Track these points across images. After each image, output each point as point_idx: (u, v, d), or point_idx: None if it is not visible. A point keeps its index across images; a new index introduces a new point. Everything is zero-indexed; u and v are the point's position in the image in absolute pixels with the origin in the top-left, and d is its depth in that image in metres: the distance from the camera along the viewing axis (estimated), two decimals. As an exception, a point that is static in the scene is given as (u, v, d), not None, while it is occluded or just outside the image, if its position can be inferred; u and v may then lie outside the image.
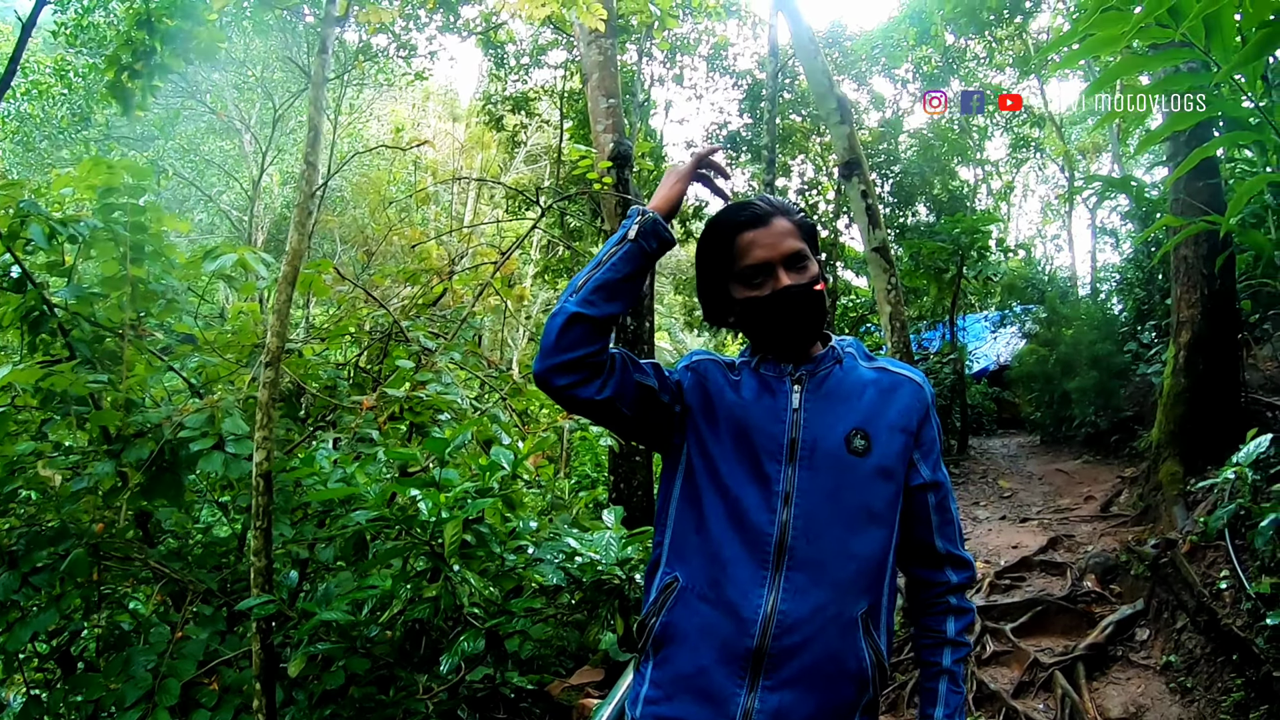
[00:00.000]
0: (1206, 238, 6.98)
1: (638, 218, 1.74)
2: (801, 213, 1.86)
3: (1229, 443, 6.52)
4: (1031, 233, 32.05)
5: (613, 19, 9.80)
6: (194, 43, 5.99)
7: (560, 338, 1.66)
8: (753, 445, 1.74)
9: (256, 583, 3.41)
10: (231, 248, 4.29)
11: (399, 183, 22.45)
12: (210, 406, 3.88)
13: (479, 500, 3.17)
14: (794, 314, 1.76)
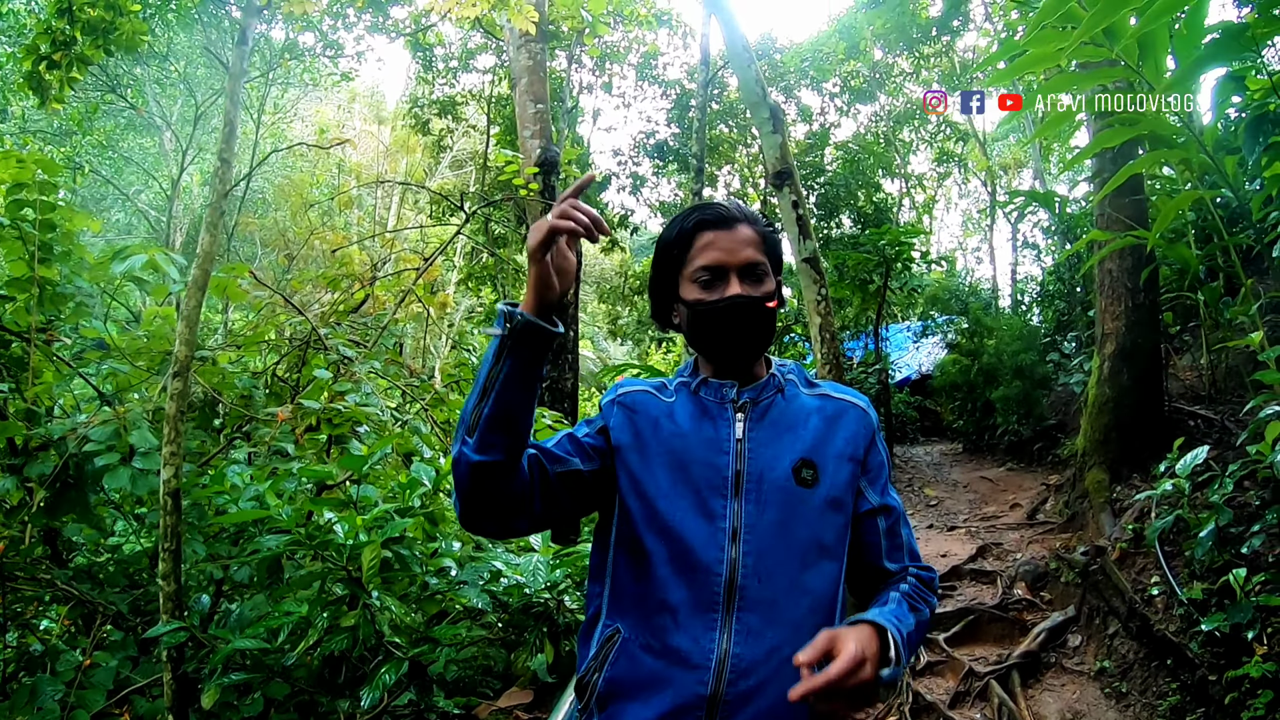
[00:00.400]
0: (1131, 252, 7.16)
1: (506, 324, 1.51)
2: (770, 228, 1.78)
3: (1153, 451, 6.70)
4: (953, 245, 32.76)
5: (543, 23, 9.75)
6: (115, 34, 5.79)
7: (471, 489, 1.54)
8: (694, 479, 1.65)
9: (166, 608, 3.21)
10: (142, 248, 4.09)
11: (322, 185, 22.03)
12: (117, 418, 3.70)
13: (399, 520, 3.03)
14: (740, 327, 1.68)
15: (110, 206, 22.41)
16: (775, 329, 1.76)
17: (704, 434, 1.69)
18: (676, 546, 1.61)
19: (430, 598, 3.30)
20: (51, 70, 5.69)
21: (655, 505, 1.64)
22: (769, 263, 1.73)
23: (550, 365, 7.93)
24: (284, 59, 16.37)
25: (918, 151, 23.26)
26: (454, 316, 21.22)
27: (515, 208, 13.06)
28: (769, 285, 1.71)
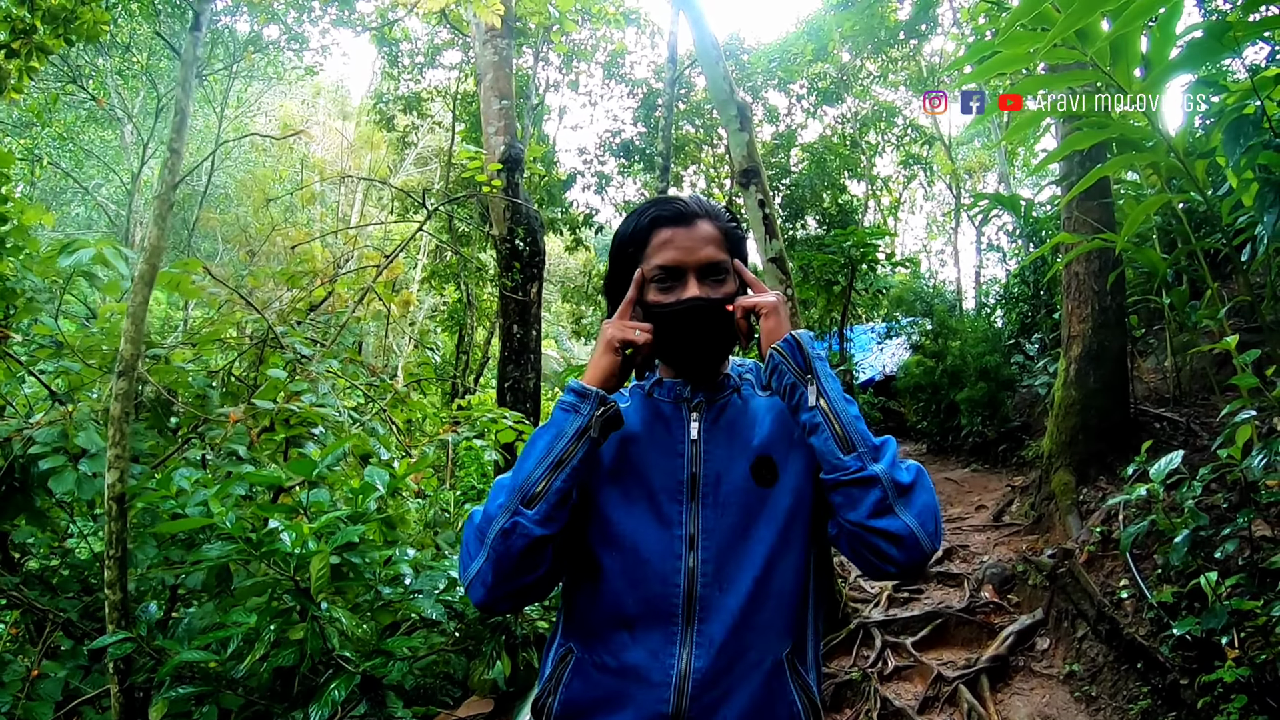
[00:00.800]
0: (1098, 255, 7.19)
1: (597, 409, 1.51)
2: (734, 222, 1.70)
3: (1120, 453, 6.73)
4: (918, 248, 33.02)
5: (510, 19, 9.63)
6: (76, 23, 5.65)
7: (518, 564, 1.46)
8: (648, 485, 1.57)
9: (112, 617, 3.08)
10: (89, 242, 3.94)
11: (285, 181, 21.76)
12: (63, 419, 3.56)
13: (350, 528, 2.91)
14: (698, 331, 1.60)
15: (70, 200, 22.05)
16: (735, 333, 1.66)
17: (657, 437, 1.61)
18: (630, 558, 1.53)
19: (385, 607, 3.18)
20: (10, 59, 5.53)
21: (607, 516, 1.56)
22: (730, 259, 1.66)
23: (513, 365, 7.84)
24: (248, 52, 16.15)
25: (884, 154, 23.36)
26: (417, 315, 21.04)
27: (479, 205, 12.94)
28: (731, 285, 1.64)
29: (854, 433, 1.46)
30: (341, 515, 3.07)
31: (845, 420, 1.47)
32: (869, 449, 1.45)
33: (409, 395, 5.86)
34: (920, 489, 1.45)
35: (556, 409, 1.53)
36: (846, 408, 1.49)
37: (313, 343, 5.29)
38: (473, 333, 18.27)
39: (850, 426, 1.46)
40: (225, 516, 2.84)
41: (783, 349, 1.54)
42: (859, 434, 1.46)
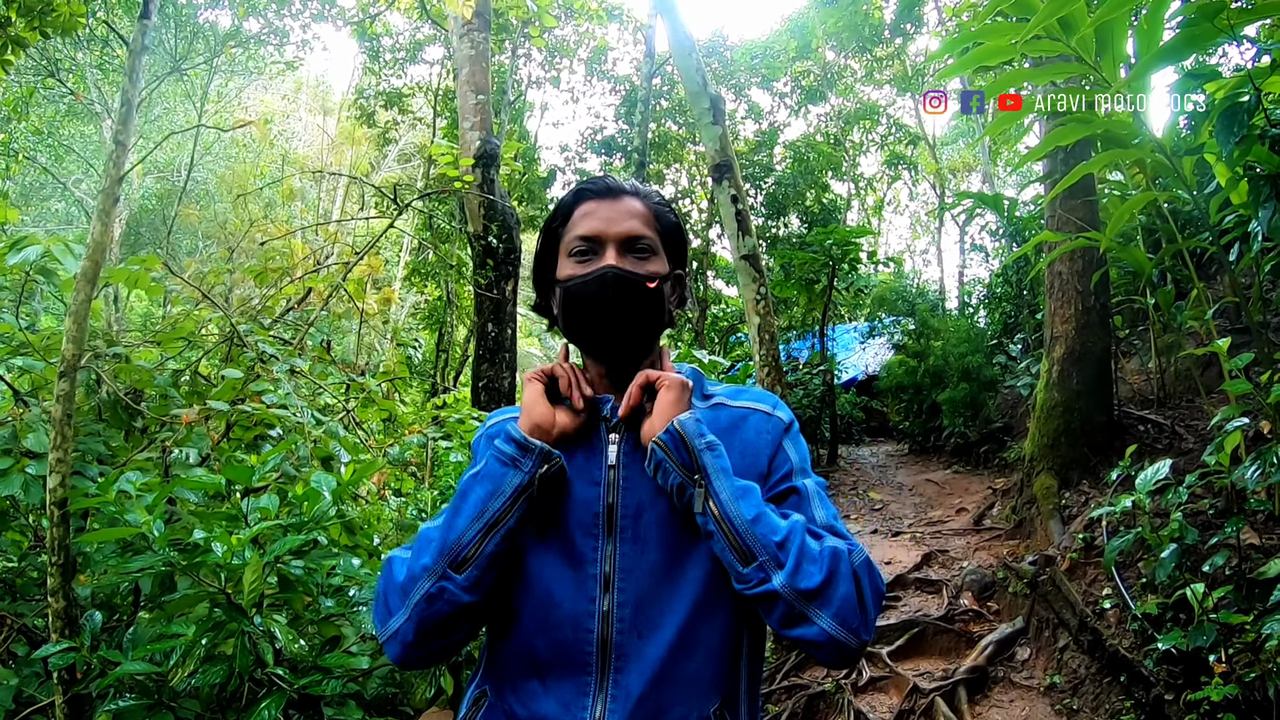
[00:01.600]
0: (1082, 254, 7.06)
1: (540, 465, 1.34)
2: (666, 205, 1.55)
3: (1103, 456, 6.60)
4: (902, 247, 32.99)
5: (487, 11, 9.49)
6: (53, 15, 5.53)
7: (444, 626, 1.31)
8: (563, 518, 1.39)
9: (55, 626, 2.94)
10: (38, 239, 3.77)
11: (265, 176, 21.54)
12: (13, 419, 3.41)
13: (288, 538, 2.73)
14: (612, 305, 1.41)
15: (50, 196, 21.81)
16: (663, 319, 1.48)
17: (575, 463, 1.42)
18: (542, 599, 1.36)
19: (327, 620, 3.00)
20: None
21: (523, 551, 1.39)
22: (662, 244, 1.50)
23: (487, 364, 7.65)
24: (228, 46, 15.95)
25: (868, 153, 23.31)
26: (399, 312, 20.86)
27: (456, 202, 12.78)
28: (655, 265, 1.46)
29: (751, 540, 1.25)
30: (283, 523, 2.89)
31: (740, 526, 1.26)
32: (770, 555, 1.24)
33: (382, 394, 5.69)
34: (838, 581, 1.25)
35: (492, 458, 1.37)
36: (742, 509, 1.27)
37: (281, 342, 5.12)
38: (453, 330, 18.10)
39: (747, 533, 1.26)
40: (152, 526, 2.66)
41: (664, 442, 1.32)
42: (757, 540, 1.25)
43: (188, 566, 2.60)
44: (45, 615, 3.51)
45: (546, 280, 1.53)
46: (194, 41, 16.31)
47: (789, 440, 1.48)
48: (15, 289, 4.39)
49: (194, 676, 2.68)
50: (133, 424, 4.46)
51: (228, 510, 2.94)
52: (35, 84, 15.76)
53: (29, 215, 20.92)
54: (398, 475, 5.63)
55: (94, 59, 17.15)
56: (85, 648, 2.86)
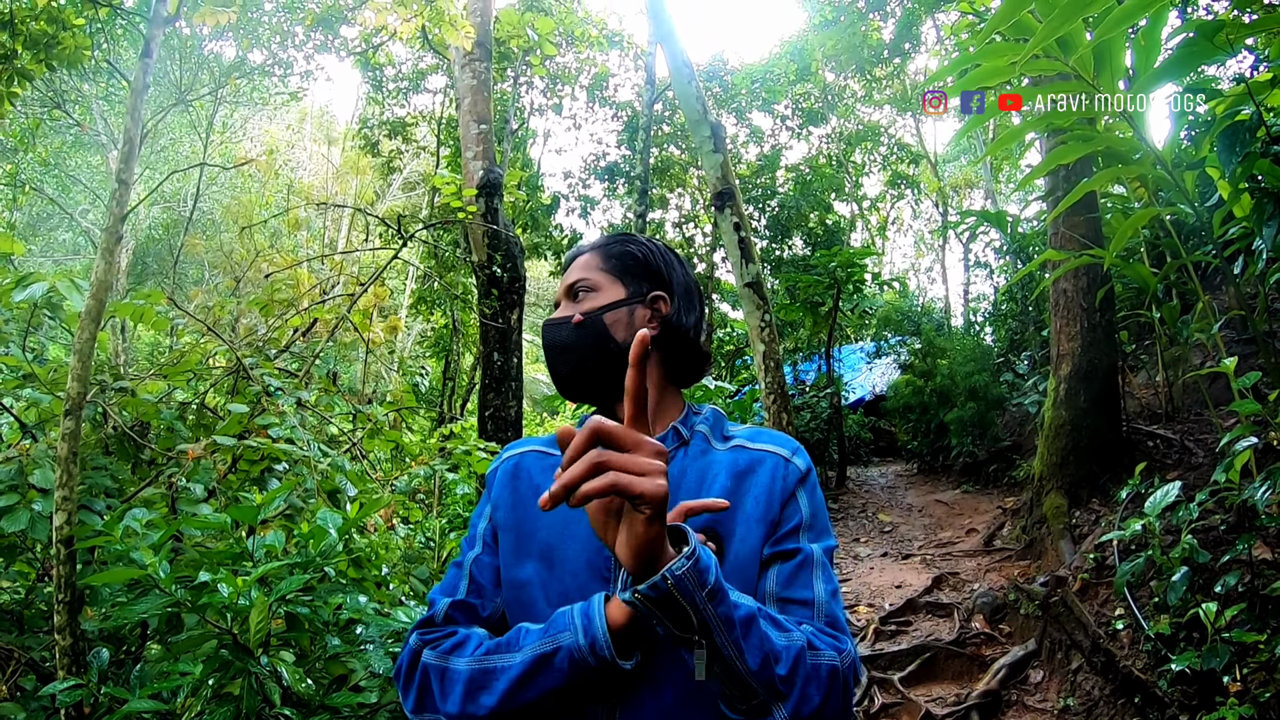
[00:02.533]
0: (1086, 271, 7.04)
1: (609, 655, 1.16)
2: (624, 242, 1.52)
3: (1113, 474, 6.55)
4: (905, 266, 32.99)
5: (488, 41, 9.53)
6: (58, 49, 5.59)
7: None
8: (570, 562, 1.33)
9: (62, 663, 2.93)
10: (43, 276, 3.78)
11: (270, 207, 21.66)
12: (20, 455, 3.41)
13: (293, 578, 2.70)
14: (552, 356, 1.44)
15: (56, 226, 21.90)
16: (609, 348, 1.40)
17: None
18: None
19: (335, 658, 2.97)
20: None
21: (525, 596, 1.35)
22: (615, 275, 1.47)
23: (493, 393, 7.62)
24: (232, 77, 16.07)
25: (870, 174, 23.34)
26: (405, 341, 20.89)
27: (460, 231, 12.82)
28: (592, 300, 1.44)
29: (758, 685, 1.13)
30: (288, 563, 2.86)
31: (748, 678, 1.12)
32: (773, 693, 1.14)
33: (389, 424, 5.68)
34: (832, 700, 1.17)
35: (566, 653, 1.18)
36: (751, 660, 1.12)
37: (287, 374, 5.12)
38: (459, 359, 18.11)
39: (752, 681, 1.12)
40: (158, 567, 2.64)
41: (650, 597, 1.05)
42: (761, 684, 1.12)
43: (197, 608, 2.58)
44: (52, 649, 3.50)
45: None
46: (199, 73, 16.43)
47: (804, 491, 1.39)
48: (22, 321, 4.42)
49: (201, 717, 2.66)
50: (139, 456, 4.46)
51: (232, 549, 2.92)
52: (41, 115, 15.88)
53: (36, 245, 21.04)
54: (405, 504, 5.61)
55: (100, 90, 17.29)
56: (92, 684, 2.84)
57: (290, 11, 12.94)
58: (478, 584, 1.42)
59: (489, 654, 1.24)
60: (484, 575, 1.42)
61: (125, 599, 3.36)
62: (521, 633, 1.24)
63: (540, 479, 1.45)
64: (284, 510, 3.68)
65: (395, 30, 8.23)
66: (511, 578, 1.38)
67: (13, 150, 16.97)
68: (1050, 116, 4.43)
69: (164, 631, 3.29)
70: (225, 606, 2.57)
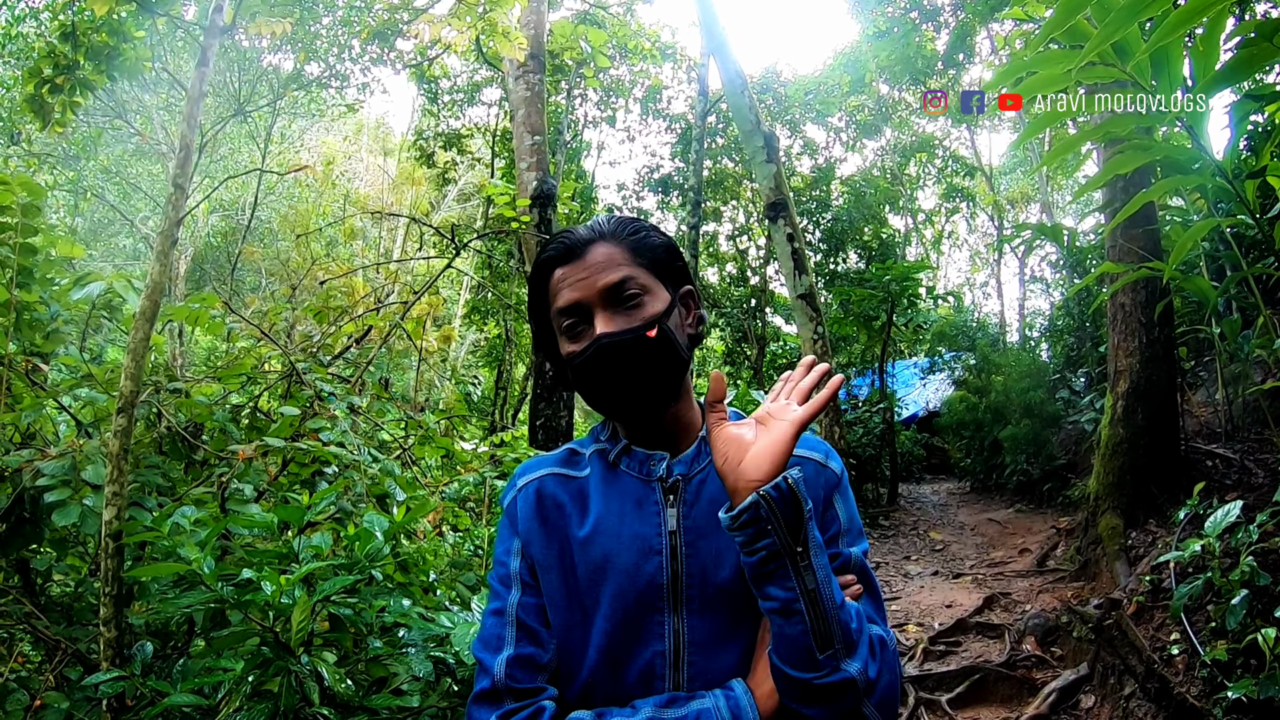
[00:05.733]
0: (1144, 285, 6.86)
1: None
2: (641, 230, 1.40)
3: (1170, 494, 6.36)
4: (960, 281, 32.57)
5: (541, 53, 9.57)
6: (119, 59, 5.74)
7: None
8: (621, 593, 1.28)
9: (105, 655, 2.98)
10: (100, 276, 3.87)
11: (327, 216, 22.02)
12: (73, 451, 3.48)
13: (337, 579, 2.70)
14: (615, 375, 1.29)
15: (117, 233, 22.45)
16: (678, 358, 1.33)
17: (626, 530, 1.31)
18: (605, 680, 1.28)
19: (375, 660, 2.97)
20: (54, 94, 5.65)
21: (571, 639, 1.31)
22: (652, 274, 1.35)
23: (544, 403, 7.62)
24: (289, 89, 16.40)
25: (925, 186, 23.10)
26: (459, 350, 21.06)
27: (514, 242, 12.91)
28: (650, 306, 1.32)
29: (837, 627, 1.13)
30: (333, 563, 2.87)
31: (831, 612, 1.13)
32: (845, 643, 1.14)
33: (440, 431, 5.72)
34: (885, 671, 1.17)
35: None
36: (834, 591, 1.15)
37: (340, 380, 5.17)
38: (511, 368, 18.23)
39: (834, 619, 1.13)
40: (203, 563, 2.67)
41: (773, 499, 1.13)
42: (841, 627, 1.14)
43: (240, 604, 2.60)
44: (98, 641, 3.57)
45: (553, 353, 1.43)
46: (257, 85, 16.77)
47: (839, 496, 1.38)
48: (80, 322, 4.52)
49: (239, 713, 2.67)
50: (192, 456, 4.54)
51: (278, 548, 2.94)
52: (103, 125, 16.32)
53: (96, 250, 21.58)
54: (455, 511, 5.62)
55: (160, 101, 17.73)
56: (136, 676, 2.88)
57: (347, 25, 13.16)
58: (529, 630, 1.33)
59: None
60: (533, 618, 1.34)
61: (172, 594, 3.43)
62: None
63: (571, 507, 1.38)
64: (334, 514, 3.70)
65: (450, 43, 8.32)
66: (560, 619, 1.33)
67: (75, 158, 17.45)
68: (1107, 125, 4.32)
69: (208, 628, 3.34)
70: (268, 604, 2.58)
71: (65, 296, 4.10)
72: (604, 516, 1.34)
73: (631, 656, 1.27)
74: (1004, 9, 14.18)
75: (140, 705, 2.91)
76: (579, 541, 1.33)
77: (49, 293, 4.03)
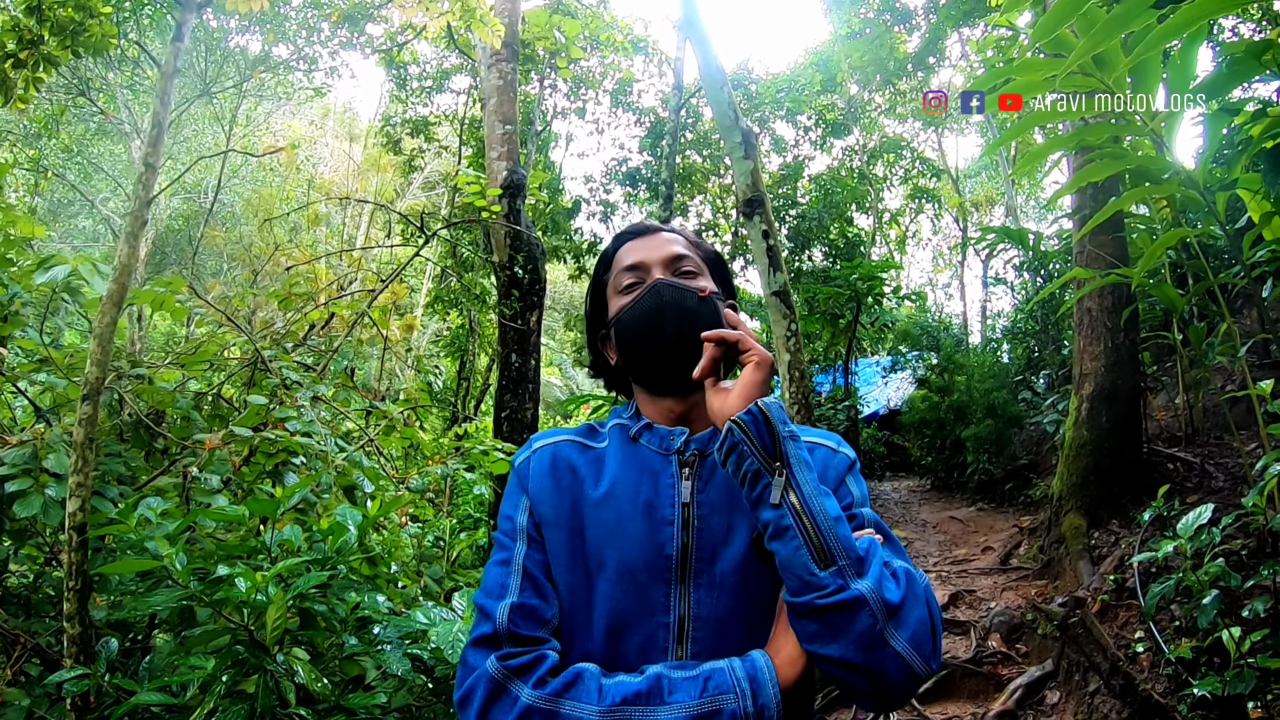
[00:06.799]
0: (1111, 290, 7.00)
1: None
2: (703, 241, 1.59)
3: (1133, 495, 6.50)
4: (924, 281, 32.92)
5: (515, 42, 9.53)
6: (85, 35, 5.60)
7: None
8: (628, 561, 1.31)
9: (70, 652, 2.90)
10: (65, 259, 3.79)
11: (291, 201, 21.73)
12: (35, 439, 3.41)
13: (310, 575, 2.67)
14: (668, 314, 1.37)
15: (77, 213, 22.01)
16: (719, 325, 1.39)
17: (641, 497, 1.35)
18: (610, 645, 1.29)
19: (349, 658, 2.95)
20: (17, 69, 5.50)
21: (576, 600, 1.33)
22: (706, 269, 1.51)
23: (510, 395, 7.60)
24: (257, 71, 16.16)
25: (892, 187, 23.29)
26: (420, 340, 20.91)
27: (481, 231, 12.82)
28: (706, 283, 1.46)
29: (834, 540, 1.16)
30: (306, 559, 2.84)
31: (823, 523, 1.17)
32: (852, 560, 1.16)
33: (403, 422, 5.67)
34: (912, 601, 1.17)
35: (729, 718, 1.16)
36: (825, 504, 1.19)
37: (304, 368, 5.11)
38: (474, 359, 18.12)
39: (829, 532, 1.16)
40: (175, 559, 2.62)
41: (745, 422, 1.22)
42: (840, 541, 1.16)
43: (213, 602, 2.56)
44: (58, 635, 3.49)
45: (598, 326, 1.52)
46: (224, 66, 16.51)
47: (851, 477, 1.42)
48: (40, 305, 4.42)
49: (214, 715, 2.62)
50: (154, 445, 4.46)
51: (248, 542, 2.91)
52: (66, 102, 15.97)
53: (56, 231, 21.13)
54: (416, 503, 5.59)
55: (124, 79, 17.37)
56: (100, 675, 2.81)
57: (317, 7, 13.01)
58: (535, 581, 1.34)
59: (624, 704, 1.17)
60: (540, 572, 1.35)
61: (135, 589, 3.35)
62: (664, 682, 1.19)
63: (585, 471, 1.42)
64: (297, 505, 3.66)
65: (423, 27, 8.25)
66: (563, 579, 1.35)
67: (36, 136, 17.06)
68: (1080, 134, 4.41)
69: (175, 624, 3.28)
70: (242, 602, 2.55)
71: (26, 278, 4.00)
72: (619, 482, 1.37)
73: (635, 626, 1.29)
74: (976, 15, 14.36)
75: (104, 704, 2.86)
76: (592, 502, 1.36)
77: (6, 273, 3.95)
